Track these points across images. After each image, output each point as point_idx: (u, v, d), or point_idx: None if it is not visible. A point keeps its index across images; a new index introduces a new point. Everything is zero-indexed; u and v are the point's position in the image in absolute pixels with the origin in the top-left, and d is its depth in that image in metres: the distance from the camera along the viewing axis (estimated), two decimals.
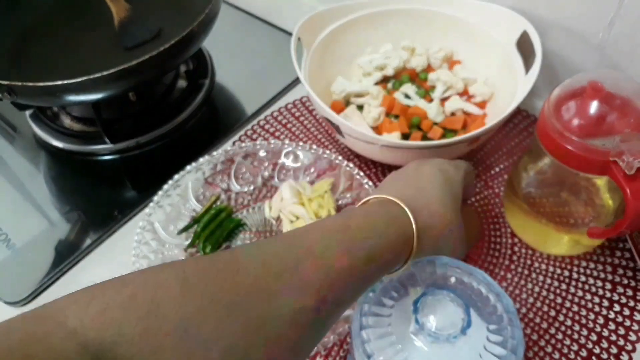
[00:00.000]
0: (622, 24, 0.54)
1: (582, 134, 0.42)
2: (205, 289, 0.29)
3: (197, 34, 0.60)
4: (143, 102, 0.68)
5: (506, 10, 0.61)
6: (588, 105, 0.42)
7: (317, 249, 0.33)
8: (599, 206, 0.48)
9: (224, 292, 0.29)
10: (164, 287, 0.28)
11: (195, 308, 0.28)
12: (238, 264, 0.31)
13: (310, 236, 0.34)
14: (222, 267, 0.30)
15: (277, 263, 0.32)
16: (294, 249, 0.33)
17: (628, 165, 0.39)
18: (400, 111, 0.62)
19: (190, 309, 0.28)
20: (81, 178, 0.65)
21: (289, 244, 0.34)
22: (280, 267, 0.32)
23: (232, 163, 0.59)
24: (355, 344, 0.36)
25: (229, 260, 0.31)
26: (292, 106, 0.69)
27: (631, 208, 0.41)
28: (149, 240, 0.53)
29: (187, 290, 0.28)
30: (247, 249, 0.34)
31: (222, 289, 0.29)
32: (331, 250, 0.33)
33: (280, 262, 0.32)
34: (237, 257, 0.32)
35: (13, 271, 0.55)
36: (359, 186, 0.56)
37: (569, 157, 0.43)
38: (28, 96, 0.57)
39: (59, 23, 0.73)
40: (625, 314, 0.49)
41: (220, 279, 0.30)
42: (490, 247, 0.55)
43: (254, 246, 0.36)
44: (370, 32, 0.67)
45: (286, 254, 0.33)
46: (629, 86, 0.43)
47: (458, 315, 0.35)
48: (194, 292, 0.28)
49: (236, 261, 0.31)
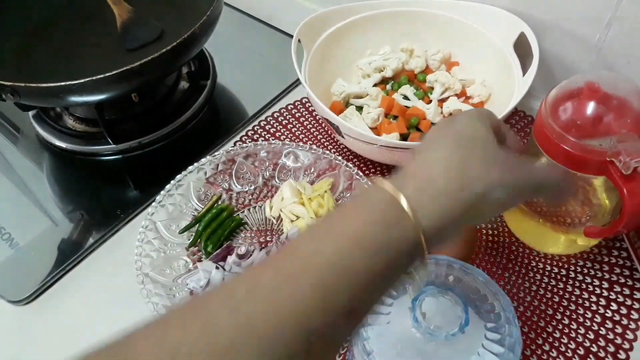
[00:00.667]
0: (618, 25, 0.54)
1: (579, 134, 0.42)
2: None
3: (199, 35, 0.61)
4: (145, 103, 0.69)
5: (503, 12, 0.61)
6: (585, 106, 0.43)
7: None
8: (596, 206, 0.49)
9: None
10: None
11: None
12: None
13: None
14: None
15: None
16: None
17: (625, 165, 0.40)
18: (399, 112, 0.62)
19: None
20: (84, 178, 0.65)
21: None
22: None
23: (233, 163, 0.60)
24: (355, 342, 0.36)
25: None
26: (293, 107, 0.70)
27: (628, 207, 0.41)
28: (151, 239, 0.53)
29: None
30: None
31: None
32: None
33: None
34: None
35: (16, 270, 0.56)
36: (358, 186, 0.57)
37: (566, 158, 0.43)
38: (31, 97, 0.57)
39: (62, 25, 0.73)
40: (623, 313, 0.50)
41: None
42: (489, 246, 0.55)
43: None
44: (370, 34, 0.67)
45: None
46: (626, 87, 0.43)
47: (456, 313, 0.35)
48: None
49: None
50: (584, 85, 0.43)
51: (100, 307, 0.53)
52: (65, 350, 0.50)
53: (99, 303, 0.53)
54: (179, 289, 0.51)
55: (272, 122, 0.68)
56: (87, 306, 0.53)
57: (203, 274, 0.51)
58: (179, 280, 0.51)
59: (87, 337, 0.51)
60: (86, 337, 0.51)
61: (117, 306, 0.52)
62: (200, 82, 0.72)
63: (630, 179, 0.41)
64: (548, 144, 0.44)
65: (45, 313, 0.53)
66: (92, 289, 0.54)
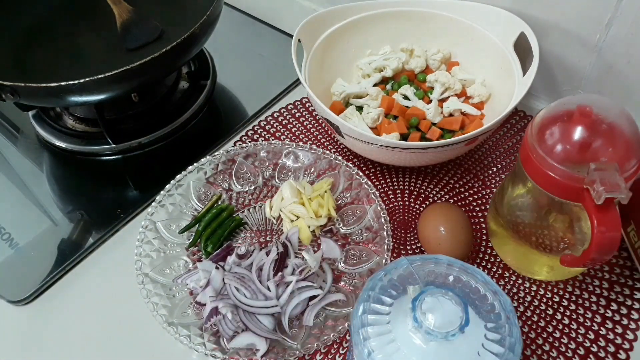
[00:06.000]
0: (619, 25, 0.54)
1: (562, 158, 0.41)
2: None
3: (199, 35, 0.61)
4: (145, 102, 0.69)
5: (504, 12, 0.61)
6: (573, 130, 0.42)
7: None
8: (578, 233, 0.48)
9: None
10: None
11: None
12: None
13: None
14: None
15: None
16: None
17: (597, 195, 0.39)
18: (399, 112, 0.62)
19: None
20: (84, 178, 0.65)
21: None
22: None
23: (234, 163, 0.60)
24: (355, 342, 0.36)
25: None
26: (293, 107, 0.70)
27: (596, 238, 0.40)
28: (151, 239, 0.53)
29: None
30: None
31: None
32: None
33: None
34: None
35: (16, 270, 0.56)
36: (358, 186, 0.57)
37: (547, 182, 0.42)
38: (31, 97, 0.57)
39: (62, 24, 0.73)
40: (623, 313, 0.50)
41: None
42: (488, 245, 0.55)
43: None
44: (370, 34, 0.68)
45: None
46: (615, 112, 0.42)
47: (456, 313, 0.35)
48: None
49: None
50: (576, 109, 0.41)
51: (100, 307, 0.53)
52: (65, 350, 0.51)
53: (98, 303, 0.53)
54: (178, 289, 0.51)
55: (272, 122, 0.68)
56: (87, 306, 0.53)
57: (203, 274, 0.51)
58: (179, 280, 0.51)
59: (86, 337, 0.51)
60: (86, 337, 0.51)
61: (117, 306, 0.52)
62: (200, 82, 0.72)
63: (601, 210, 0.40)
64: (531, 167, 0.43)
65: (45, 313, 0.53)
66: (92, 289, 0.54)
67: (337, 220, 0.57)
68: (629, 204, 0.41)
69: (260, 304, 0.49)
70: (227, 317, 0.48)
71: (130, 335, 0.51)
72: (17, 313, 0.53)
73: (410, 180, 0.61)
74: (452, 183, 0.61)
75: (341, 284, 0.52)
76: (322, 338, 0.47)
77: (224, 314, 0.48)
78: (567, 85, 0.63)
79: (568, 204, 0.44)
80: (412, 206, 0.59)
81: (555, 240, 0.48)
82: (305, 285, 0.50)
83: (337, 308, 0.50)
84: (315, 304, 0.49)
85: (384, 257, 0.51)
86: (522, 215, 0.49)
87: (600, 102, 0.42)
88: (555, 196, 0.43)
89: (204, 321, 0.48)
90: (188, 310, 0.50)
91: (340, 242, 0.55)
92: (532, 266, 0.52)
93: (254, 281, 0.50)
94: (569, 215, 0.47)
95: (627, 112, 0.42)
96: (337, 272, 0.53)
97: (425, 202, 0.59)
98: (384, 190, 0.60)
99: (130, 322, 0.51)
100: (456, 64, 0.67)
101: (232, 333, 0.48)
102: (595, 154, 0.41)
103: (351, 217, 0.57)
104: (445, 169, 0.62)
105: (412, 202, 0.59)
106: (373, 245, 0.53)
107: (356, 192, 0.57)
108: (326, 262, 0.53)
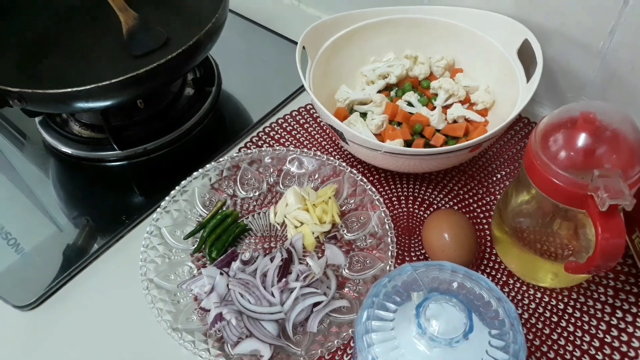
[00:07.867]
0: (622, 32, 0.55)
1: (566, 165, 0.41)
2: None
3: (204, 42, 0.61)
4: (151, 109, 0.69)
5: (507, 19, 0.62)
6: (576, 137, 0.41)
7: None
8: (582, 239, 0.48)
9: None
10: None
11: None
12: None
13: None
14: None
15: None
16: None
17: (601, 202, 0.39)
18: (403, 118, 0.62)
19: None
20: (89, 184, 0.65)
21: None
22: None
23: (238, 169, 0.60)
24: (359, 348, 0.36)
25: None
26: (297, 113, 0.70)
27: (600, 245, 0.40)
28: (156, 245, 0.54)
29: None
30: None
31: None
32: None
33: None
34: None
35: (21, 276, 0.56)
36: (362, 192, 0.57)
37: (551, 188, 0.42)
38: (38, 103, 0.58)
39: (69, 31, 0.74)
40: (628, 320, 0.50)
41: None
42: (492, 252, 0.55)
43: None
44: (374, 41, 0.68)
45: None
46: (619, 119, 0.42)
47: (460, 320, 0.35)
48: None
49: None
50: (579, 115, 0.41)
51: (104, 313, 0.53)
52: (70, 355, 0.51)
53: (103, 308, 0.53)
54: (183, 295, 0.51)
55: (277, 128, 0.69)
56: (92, 312, 0.53)
57: (207, 279, 0.51)
58: (184, 286, 0.51)
59: (91, 343, 0.51)
60: (91, 343, 0.51)
61: (122, 312, 0.53)
62: (206, 88, 0.73)
63: (605, 216, 0.40)
64: (535, 173, 0.43)
65: (50, 318, 0.53)
66: (96, 295, 0.54)
67: (342, 227, 0.57)
68: (633, 211, 0.40)
69: (265, 310, 0.49)
70: (231, 323, 0.48)
71: (134, 341, 0.51)
72: (22, 318, 0.53)
73: (415, 187, 0.61)
74: (456, 189, 0.61)
75: (345, 291, 0.52)
76: (326, 344, 0.47)
77: (228, 319, 0.48)
78: (571, 92, 0.63)
79: (572, 210, 0.44)
80: (416, 213, 0.59)
81: (559, 247, 0.48)
82: (309, 292, 0.50)
83: (341, 314, 0.50)
84: (320, 310, 0.49)
85: (388, 263, 0.51)
86: (526, 221, 0.49)
87: (604, 109, 0.42)
88: (559, 203, 0.43)
89: (208, 327, 0.48)
90: (192, 316, 0.50)
91: (345, 248, 0.55)
92: (537, 273, 0.52)
93: (258, 287, 0.50)
94: (573, 222, 0.47)
95: (631, 119, 0.42)
96: (341, 279, 0.53)
97: (430, 208, 0.59)
98: (388, 197, 0.60)
99: (134, 328, 0.51)
100: (460, 71, 0.68)
101: (236, 339, 0.48)
102: (599, 160, 0.41)
103: (355, 223, 0.57)
104: (450, 175, 0.62)
105: (416, 209, 0.59)
106: (377, 252, 0.53)
107: (360, 198, 0.57)
108: (330, 269, 0.53)
